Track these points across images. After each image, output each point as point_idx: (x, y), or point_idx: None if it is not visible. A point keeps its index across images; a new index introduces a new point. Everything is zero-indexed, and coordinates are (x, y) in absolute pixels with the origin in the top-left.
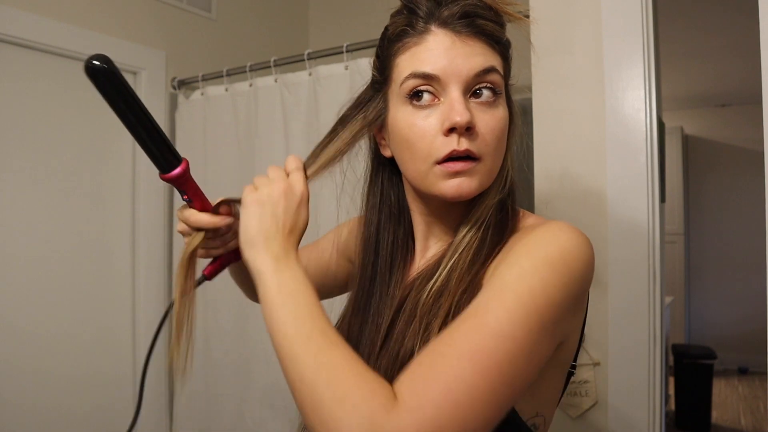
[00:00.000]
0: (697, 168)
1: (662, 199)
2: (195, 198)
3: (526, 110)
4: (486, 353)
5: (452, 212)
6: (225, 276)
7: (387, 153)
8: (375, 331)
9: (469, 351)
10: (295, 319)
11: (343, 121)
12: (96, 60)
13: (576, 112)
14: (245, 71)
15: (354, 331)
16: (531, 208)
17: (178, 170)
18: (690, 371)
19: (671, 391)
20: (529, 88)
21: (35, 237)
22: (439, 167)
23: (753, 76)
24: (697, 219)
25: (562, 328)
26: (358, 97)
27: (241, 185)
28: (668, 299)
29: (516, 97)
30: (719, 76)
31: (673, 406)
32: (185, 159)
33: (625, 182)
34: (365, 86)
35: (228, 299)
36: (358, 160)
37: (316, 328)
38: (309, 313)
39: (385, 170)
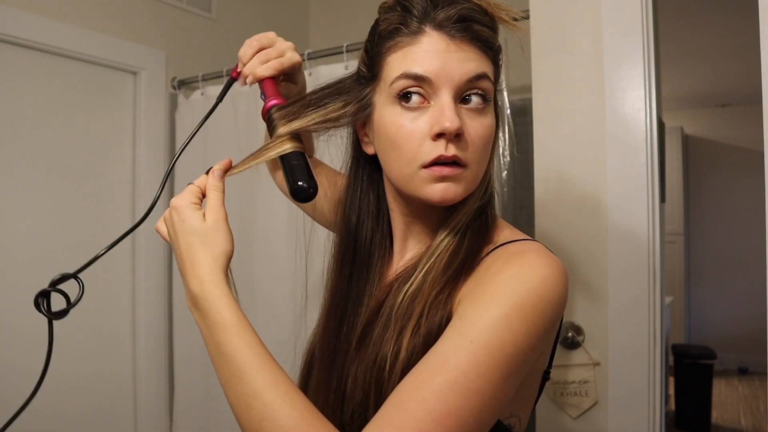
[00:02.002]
0: (697, 168)
1: (662, 199)
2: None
3: (526, 110)
4: (454, 414)
5: (433, 214)
6: None
7: (370, 150)
8: (351, 331)
9: (438, 413)
10: (229, 383)
11: (321, 98)
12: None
13: (576, 112)
14: None
15: (332, 329)
16: (530, 210)
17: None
18: (690, 371)
19: (671, 391)
20: (529, 88)
21: (35, 237)
22: (425, 171)
23: (753, 76)
24: (697, 219)
25: (532, 360)
26: (340, 82)
27: (241, 185)
28: (668, 299)
29: (516, 97)
30: (719, 76)
31: (673, 406)
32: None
33: (625, 182)
34: (347, 74)
35: None
36: (338, 154)
37: (251, 392)
38: (240, 372)
39: (366, 168)
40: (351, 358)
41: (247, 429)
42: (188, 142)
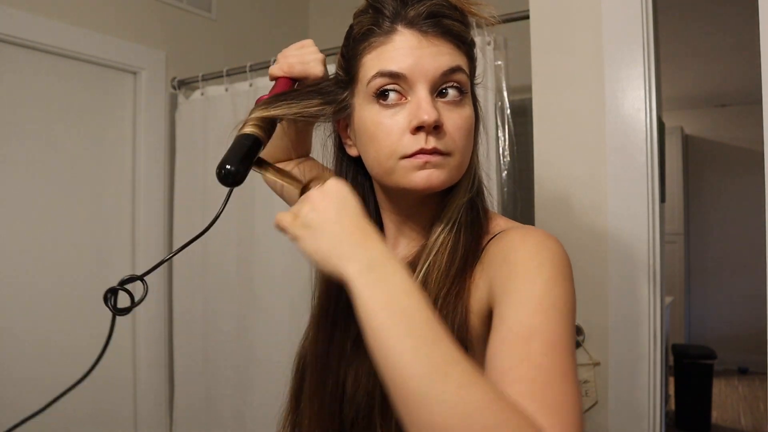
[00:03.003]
0: (697, 168)
1: (662, 199)
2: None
3: (526, 110)
4: (567, 368)
5: (423, 212)
6: (224, 279)
7: (353, 152)
8: (344, 333)
9: (561, 372)
10: (417, 350)
11: (298, 96)
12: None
13: (576, 112)
14: (245, 71)
15: (324, 331)
16: (531, 210)
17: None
18: (690, 371)
19: (671, 391)
20: (529, 88)
21: (35, 237)
22: (406, 160)
23: (753, 76)
24: (697, 219)
25: None
26: (319, 84)
27: (240, 191)
28: (668, 299)
29: (516, 97)
30: (719, 76)
31: (673, 406)
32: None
33: (625, 182)
34: (329, 78)
35: (228, 302)
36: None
37: (449, 359)
38: (433, 338)
39: (350, 170)
40: (347, 360)
41: (441, 401)
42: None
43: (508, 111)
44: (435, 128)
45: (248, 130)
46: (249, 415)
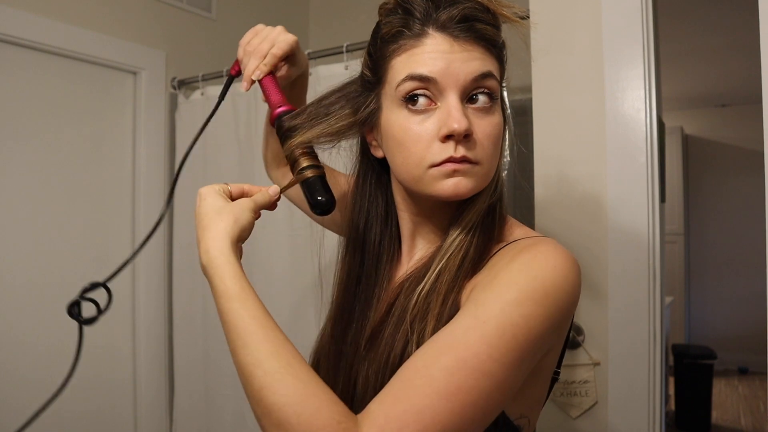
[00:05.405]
0: (697, 168)
1: (662, 199)
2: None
3: (526, 110)
4: (464, 392)
5: (442, 213)
6: None
7: (378, 154)
8: (359, 333)
9: (447, 390)
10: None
11: (327, 106)
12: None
13: (576, 112)
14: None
15: (339, 331)
16: (531, 210)
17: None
18: (690, 371)
19: (671, 391)
20: (529, 88)
21: (34, 237)
22: (435, 169)
23: (753, 76)
24: (697, 219)
25: (542, 351)
26: (346, 89)
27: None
28: (668, 299)
29: (516, 97)
30: (719, 76)
31: (673, 406)
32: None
33: (625, 182)
34: (352, 79)
35: None
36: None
37: (254, 360)
38: (244, 340)
39: (374, 171)
40: (359, 359)
41: (250, 398)
42: (192, 146)
43: (508, 111)
44: (465, 137)
45: (310, 172)
46: (249, 414)
